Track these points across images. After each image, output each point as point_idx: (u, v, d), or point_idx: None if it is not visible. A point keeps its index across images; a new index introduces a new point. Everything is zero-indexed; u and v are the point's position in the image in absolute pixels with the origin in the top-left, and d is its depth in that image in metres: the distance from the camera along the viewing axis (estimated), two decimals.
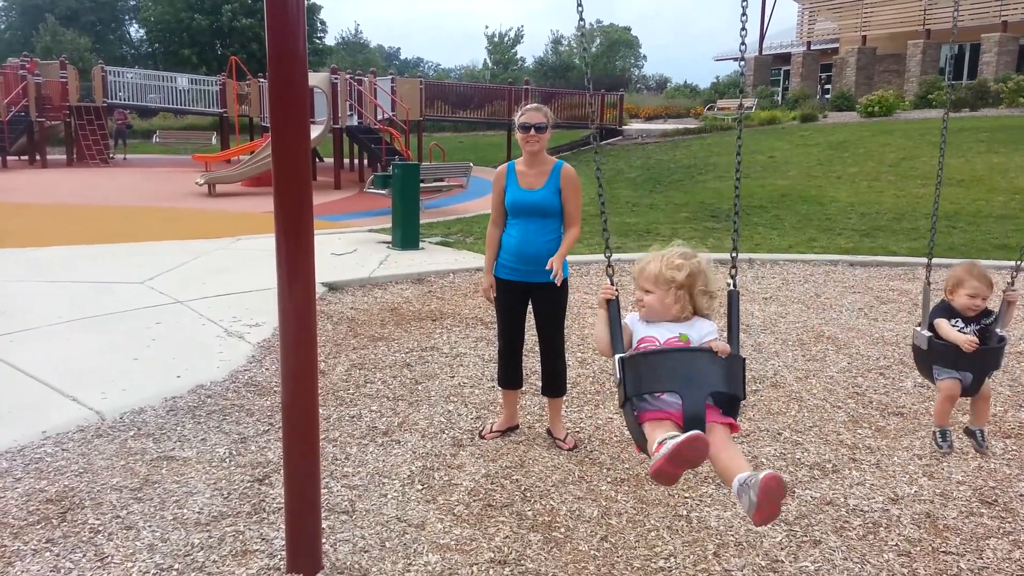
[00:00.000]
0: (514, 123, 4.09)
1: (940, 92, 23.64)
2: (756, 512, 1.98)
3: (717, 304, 2.43)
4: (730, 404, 2.29)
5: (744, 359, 2.31)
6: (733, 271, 2.46)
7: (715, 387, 2.20)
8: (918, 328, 3.62)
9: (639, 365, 2.24)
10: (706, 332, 2.34)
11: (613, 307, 2.40)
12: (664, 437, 2.08)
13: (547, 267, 3.82)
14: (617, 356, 2.31)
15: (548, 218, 4.01)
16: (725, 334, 2.38)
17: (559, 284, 3.88)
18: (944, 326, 3.50)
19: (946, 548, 3.20)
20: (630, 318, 2.46)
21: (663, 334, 2.35)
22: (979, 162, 15.20)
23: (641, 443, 2.26)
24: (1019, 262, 3.43)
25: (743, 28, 2.59)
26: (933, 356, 3.54)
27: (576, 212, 4.04)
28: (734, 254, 2.46)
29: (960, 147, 16.15)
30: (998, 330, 3.44)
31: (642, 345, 2.35)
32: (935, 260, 3.73)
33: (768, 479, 1.95)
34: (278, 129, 2.73)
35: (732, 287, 2.42)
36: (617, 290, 2.45)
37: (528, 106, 4.05)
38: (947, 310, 3.57)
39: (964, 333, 3.44)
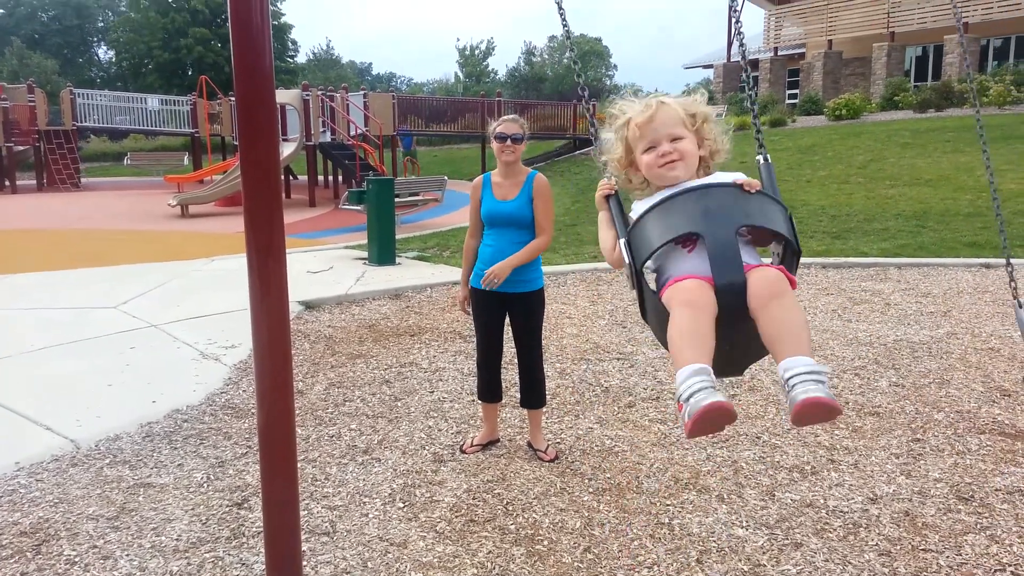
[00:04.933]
0: (489, 134, 4.12)
1: (906, 94, 24.00)
2: (792, 415, 1.58)
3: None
4: (782, 257, 1.81)
5: (791, 214, 1.82)
6: (759, 135, 2.05)
7: (749, 220, 1.69)
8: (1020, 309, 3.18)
9: (645, 224, 1.77)
10: (733, 178, 1.86)
11: (614, 201, 1.99)
12: (685, 390, 1.59)
13: (488, 271, 3.88)
14: (622, 241, 1.87)
15: (523, 228, 4.02)
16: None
17: (486, 286, 3.92)
18: None
19: (925, 546, 3.23)
20: (635, 208, 1.97)
21: None
22: (946, 162, 15.43)
23: (661, 334, 1.77)
24: None
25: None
26: None
27: (545, 221, 4.02)
28: (755, 122, 2.10)
29: (926, 147, 16.40)
30: None
31: None
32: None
33: (807, 404, 1.54)
34: (245, 143, 2.71)
35: (763, 159, 1.99)
36: (616, 184, 2.04)
37: (505, 117, 4.10)
38: None
39: None
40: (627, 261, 1.81)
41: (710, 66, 37.90)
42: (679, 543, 3.28)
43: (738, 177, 1.85)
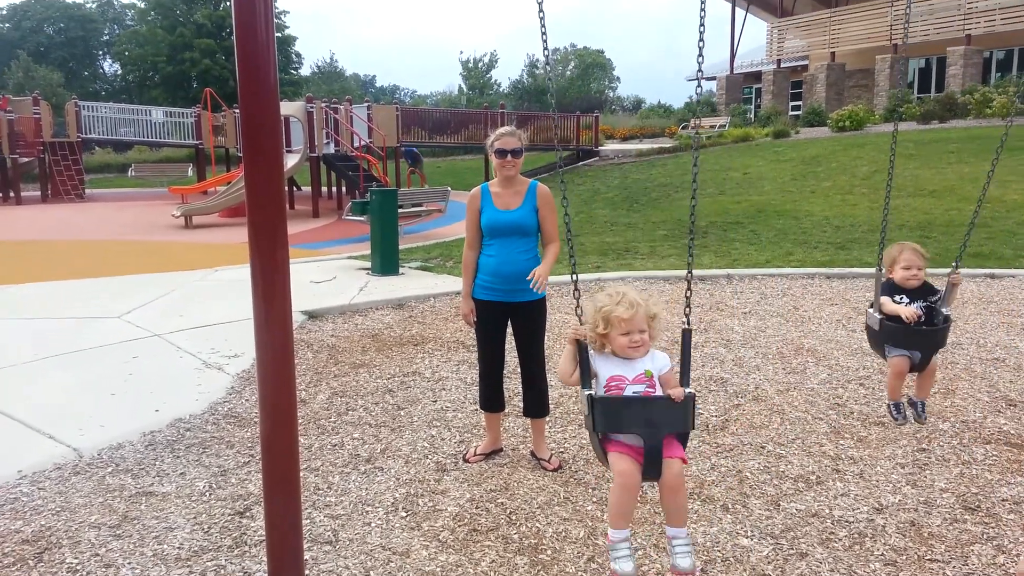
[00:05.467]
0: (488, 147, 4.11)
1: (910, 105, 24.02)
2: (671, 570, 2.73)
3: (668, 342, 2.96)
4: (682, 436, 2.74)
5: (694, 395, 2.69)
6: (687, 310, 2.81)
7: (672, 429, 2.67)
8: (870, 310, 3.95)
9: (608, 408, 2.67)
10: (662, 364, 2.79)
11: (582, 347, 2.76)
12: (613, 554, 2.67)
13: (530, 277, 3.83)
14: (587, 393, 2.68)
15: (526, 237, 4.03)
16: (677, 368, 2.80)
17: (539, 291, 3.89)
18: (888, 303, 3.86)
19: (932, 556, 3.21)
20: (593, 359, 2.78)
21: (630, 372, 2.74)
22: (950, 172, 15.43)
23: (604, 461, 2.74)
24: (962, 249, 3.89)
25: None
26: (884, 335, 3.87)
27: (555, 229, 4.08)
28: (688, 293, 2.84)
29: (931, 158, 16.40)
30: (944, 309, 3.76)
31: (612, 383, 2.73)
32: None
33: (679, 571, 2.67)
34: (250, 156, 2.71)
35: (686, 325, 2.76)
36: (587, 332, 2.77)
37: (502, 131, 4.06)
38: (890, 287, 3.97)
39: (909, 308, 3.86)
40: (586, 411, 2.68)
41: (713, 78, 37.98)
42: None
43: (669, 389, 2.70)
